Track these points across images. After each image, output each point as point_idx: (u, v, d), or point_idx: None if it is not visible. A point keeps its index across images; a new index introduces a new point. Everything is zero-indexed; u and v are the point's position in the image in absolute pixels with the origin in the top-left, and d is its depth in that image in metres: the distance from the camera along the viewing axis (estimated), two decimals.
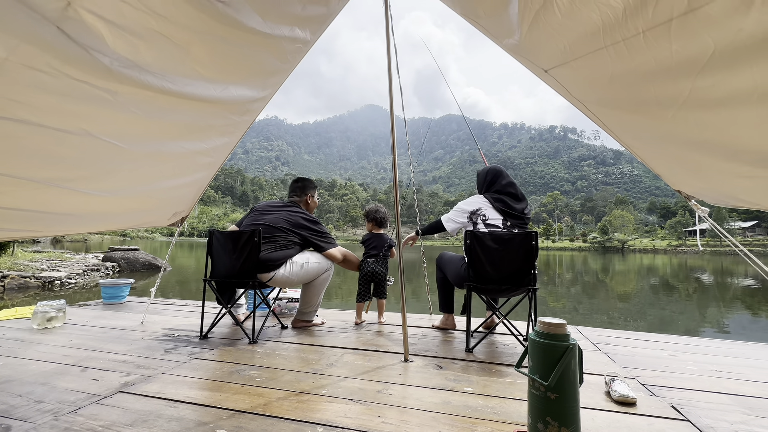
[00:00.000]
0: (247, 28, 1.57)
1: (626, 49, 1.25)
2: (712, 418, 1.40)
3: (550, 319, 1.13)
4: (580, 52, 1.41)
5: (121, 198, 2.12)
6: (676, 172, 1.92)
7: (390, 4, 2.18)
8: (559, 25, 1.34)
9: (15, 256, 10.64)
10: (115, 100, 1.45)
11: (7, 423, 1.27)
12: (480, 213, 2.37)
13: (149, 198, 2.36)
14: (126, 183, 2.01)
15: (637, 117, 1.60)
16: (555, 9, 1.29)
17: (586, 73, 1.53)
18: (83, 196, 1.85)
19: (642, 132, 1.70)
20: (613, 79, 1.44)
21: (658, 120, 1.49)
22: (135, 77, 1.40)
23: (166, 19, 1.31)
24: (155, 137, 1.83)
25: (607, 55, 1.33)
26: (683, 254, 49.16)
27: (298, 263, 2.46)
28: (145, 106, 1.57)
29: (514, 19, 1.47)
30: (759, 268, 1.82)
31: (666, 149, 1.72)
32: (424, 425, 1.30)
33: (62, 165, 1.59)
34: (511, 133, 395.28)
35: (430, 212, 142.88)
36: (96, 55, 1.24)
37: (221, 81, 1.79)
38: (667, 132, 1.54)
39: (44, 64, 1.17)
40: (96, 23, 1.16)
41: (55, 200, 1.76)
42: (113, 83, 1.37)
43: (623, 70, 1.36)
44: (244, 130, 2.40)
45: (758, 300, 9.74)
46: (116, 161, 1.77)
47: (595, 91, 1.63)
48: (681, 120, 1.39)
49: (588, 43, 1.34)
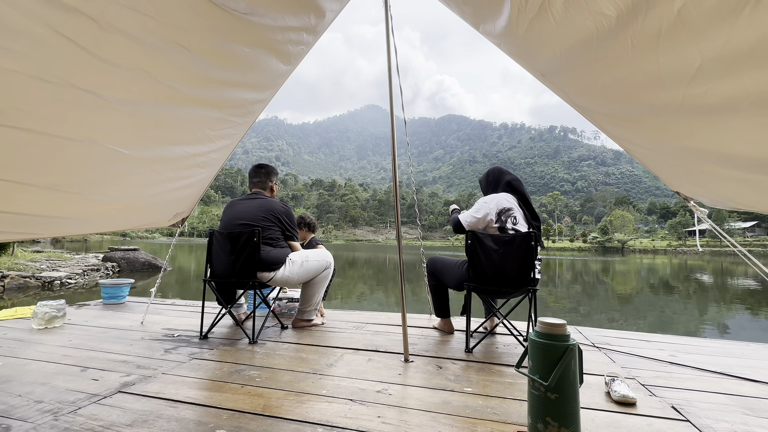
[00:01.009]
0: (257, 32, 1.58)
1: (614, 61, 1.26)
2: (712, 418, 1.40)
3: (550, 320, 1.13)
4: (574, 61, 1.42)
5: (123, 201, 2.13)
6: (673, 174, 1.93)
7: (390, 4, 2.18)
8: (553, 33, 1.35)
9: (15, 256, 10.64)
10: (123, 109, 1.46)
11: (7, 423, 1.27)
12: (512, 214, 2.24)
13: (151, 200, 2.37)
14: (128, 187, 2.01)
15: (631, 124, 1.61)
16: (549, 16, 1.29)
17: (581, 81, 1.54)
18: (86, 201, 1.85)
19: (638, 138, 1.71)
20: (605, 88, 1.45)
21: (652, 127, 1.50)
22: (145, 86, 1.42)
23: (182, 29, 1.33)
24: (158, 142, 1.83)
25: (598, 65, 1.34)
26: (683, 254, 49.18)
27: (297, 262, 2.46)
28: (150, 112, 1.57)
29: (510, 27, 1.48)
30: (758, 268, 1.82)
31: (662, 154, 1.73)
32: (424, 425, 1.30)
33: (65, 171, 1.59)
34: (511, 133, 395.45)
35: (430, 212, 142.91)
36: (107, 66, 1.25)
37: (226, 84, 1.79)
38: (662, 139, 1.55)
39: (51, 75, 1.17)
40: (112, 36, 1.17)
41: (59, 205, 1.76)
42: (121, 92, 1.38)
43: (614, 80, 1.37)
44: (245, 130, 2.40)
45: (758, 300, 9.75)
46: (119, 167, 1.77)
47: (590, 99, 1.64)
48: (674, 127, 1.39)
49: (581, 52, 1.35)
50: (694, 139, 1.40)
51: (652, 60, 1.15)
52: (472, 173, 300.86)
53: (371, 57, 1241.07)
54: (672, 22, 1.01)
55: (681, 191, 2.07)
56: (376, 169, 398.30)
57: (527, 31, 1.43)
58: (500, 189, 2.39)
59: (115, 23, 1.17)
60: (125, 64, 1.31)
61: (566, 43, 1.37)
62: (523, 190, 2.37)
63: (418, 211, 3.87)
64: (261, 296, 2.48)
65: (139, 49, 1.30)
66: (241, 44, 1.61)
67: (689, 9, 0.95)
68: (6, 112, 1.18)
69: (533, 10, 1.32)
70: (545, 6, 1.27)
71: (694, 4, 0.94)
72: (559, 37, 1.36)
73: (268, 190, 2.65)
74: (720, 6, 0.90)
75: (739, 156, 1.31)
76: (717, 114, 1.18)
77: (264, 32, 1.64)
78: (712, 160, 1.48)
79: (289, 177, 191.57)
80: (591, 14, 1.19)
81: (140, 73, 1.38)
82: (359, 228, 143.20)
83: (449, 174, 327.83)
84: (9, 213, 1.60)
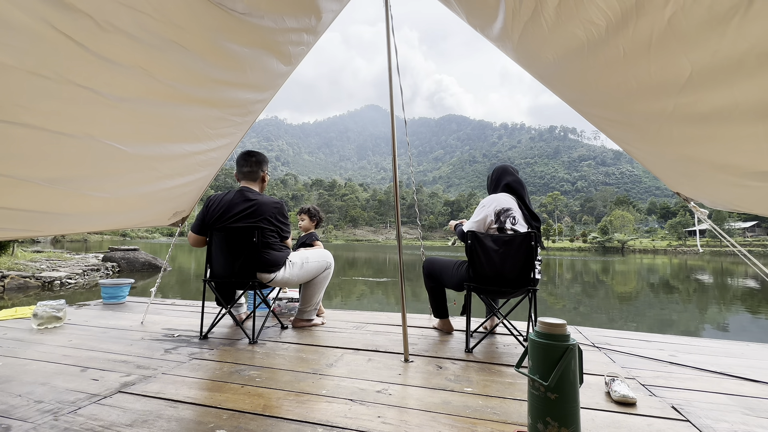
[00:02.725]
0: (257, 33, 1.58)
1: (607, 69, 1.26)
2: (712, 418, 1.40)
3: (550, 320, 1.13)
4: (568, 68, 1.42)
5: (121, 198, 2.12)
6: (673, 175, 1.93)
7: (390, 4, 2.18)
8: (547, 39, 1.35)
9: (15, 256, 10.64)
10: (121, 106, 1.45)
11: (7, 423, 1.27)
12: (511, 214, 2.23)
13: (150, 198, 2.36)
14: (126, 183, 2.01)
15: (629, 128, 1.61)
16: (542, 22, 1.30)
17: (576, 86, 1.55)
18: (84, 197, 1.85)
19: (635, 141, 1.72)
20: (600, 95, 1.46)
21: (648, 133, 1.50)
22: (143, 84, 1.41)
23: (181, 29, 1.32)
24: (157, 140, 1.83)
25: (592, 73, 1.34)
26: (683, 255, 49.17)
27: (298, 263, 2.46)
28: (148, 109, 1.57)
29: (505, 30, 1.48)
30: (758, 268, 1.82)
31: (661, 158, 1.73)
32: (424, 425, 1.30)
33: (63, 167, 1.59)
34: (511, 133, 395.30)
35: (430, 212, 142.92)
36: (106, 64, 1.25)
37: (226, 84, 1.79)
38: (658, 145, 1.56)
39: (49, 70, 1.17)
40: (109, 33, 1.17)
41: (57, 200, 1.76)
42: (119, 90, 1.38)
43: (609, 87, 1.37)
44: (245, 130, 2.40)
45: (758, 300, 9.75)
46: (117, 163, 1.77)
47: (588, 104, 1.64)
48: (667, 134, 1.40)
49: (574, 60, 1.35)
50: (688, 147, 1.41)
51: (644, 68, 1.16)
52: (472, 173, 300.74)
53: (370, 57, 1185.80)
54: (662, 30, 1.01)
55: (681, 192, 2.07)
56: (376, 169, 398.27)
57: (522, 35, 1.43)
58: (499, 189, 2.38)
59: (112, 21, 1.17)
60: (123, 61, 1.31)
61: (559, 51, 1.37)
62: (522, 191, 2.34)
63: (418, 211, 3.88)
64: (261, 296, 2.48)
65: (137, 47, 1.30)
66: (241, 44, 1.61)
67: (679, 18, 0.95)
68: (4, 107, 1.18)
69: (527, 13, 1.32)
70: (538, 10, 1.27)
71: (684, 13, 0.94)
72: (552, 44, 1.37)
73: (259, 181, 2.46)
74: (710, 16, 0.90)
75: (733, 165, 1.32)
76: (709, 123, 1.18)
77: (264, 33, 1.64)
78: (705, 165, 1.48)
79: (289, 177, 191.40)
80: (581, 23, 1.19)
81: (138, 71, 1.38)
82: (359, 228, 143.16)
83: (449, 174, 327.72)
84: (7, 209, 1.60)
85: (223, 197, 2.37)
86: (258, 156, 2.49)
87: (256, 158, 2.46)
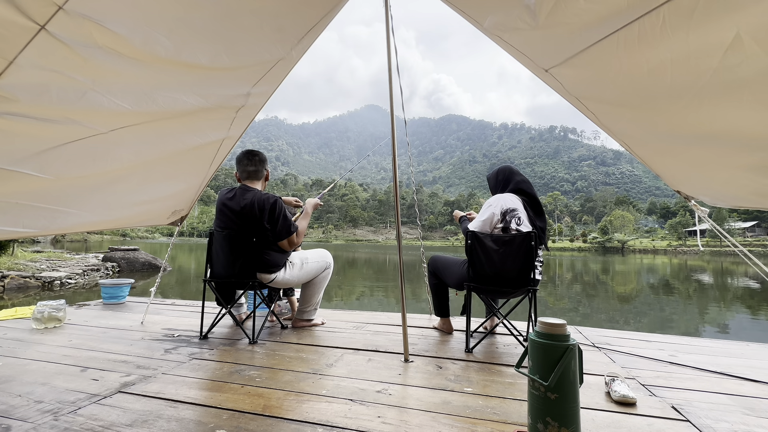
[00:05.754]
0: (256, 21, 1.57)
1: (639, 40, 1.21)
2: (712, 418, 1.40)
3: (550, 320, 1.13)
4: (593, 40, 1.33)
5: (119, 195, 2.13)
6: (675, 171, 1.92)
7: (390, 4, 2.18)
8: (582, 10, 1.28)
9: (15, 256, 10.64)
10: (112, 99, 1.46)
11: (7, 423, 1.27)
12: (516, 214, 2.22)
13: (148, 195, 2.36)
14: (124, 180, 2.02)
15: (641, 113, 1.56)
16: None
17: (591, 70, 1.49)
18: (80, 189, 1.85)
19: (644, 129, 1.68)
20: (620, 74, 1.40)
21: (665, 114, 1.45)
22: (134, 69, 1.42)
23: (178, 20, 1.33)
24: (152, 132, 1.83)
25: (619, 44, 1.28)
26: (683, 254, 49.15)
27: (297, 264, 2.46)
28: (134, 98, 1.57)
29: (529, 10, 1.41)
30: (758, 268, 1.82)
31: (668, 146, 1.69)
32: (424, 425, 1.30)
33: (59, 160, 1.60)
34: (511, 133, 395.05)
35: (430, 212, 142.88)
36: (96, 54, 1.25)
37: (220, 68, 1.74)
38: (673, 127, 1.51)
39: (47, 65, 1.18)
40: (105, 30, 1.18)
41: (50, 190, 1.75)
42: (112, 77, 1.39)
43: (634, 61, 1.31)
44: (245, 127, 2.39)
45: (758, 300, 9.74)
46: (114, 157, 1.77)
47: (598, 89, 1.60)
48: (693, 111, 1.35)
49: (607, 27, 1.27)
50: (711, 123, 1.36)
51: (681, 38, 1.12)
52: (472, 173, 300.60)
53: (367, 57, 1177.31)
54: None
55: (682, 190, 2.06)
56: (376, 169, 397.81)
57: (551, 12, 1.34)
58: (509, 190, 2.37)
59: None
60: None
61: (591, 18, 1.28)
62: (533, 191, 2.36)
63: (418, 211, 3.88)
64: (261, 296, 2.48)
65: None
66: (240, 27, 1.59)
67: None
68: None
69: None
70: None
71: None
72: (586, 14, 1.28)
73: (263, 180, 2.46)
74: None
75: (760, 137, 1.28)
76: (749, 88, 1.14)
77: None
78: (726, 146, 1.43)
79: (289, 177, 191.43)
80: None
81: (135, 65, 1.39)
82: (359, 228, 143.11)
83: (449, 174, 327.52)
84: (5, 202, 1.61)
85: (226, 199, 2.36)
86: (261, 155, 2.51)
87: (259, 157, 2.47)
